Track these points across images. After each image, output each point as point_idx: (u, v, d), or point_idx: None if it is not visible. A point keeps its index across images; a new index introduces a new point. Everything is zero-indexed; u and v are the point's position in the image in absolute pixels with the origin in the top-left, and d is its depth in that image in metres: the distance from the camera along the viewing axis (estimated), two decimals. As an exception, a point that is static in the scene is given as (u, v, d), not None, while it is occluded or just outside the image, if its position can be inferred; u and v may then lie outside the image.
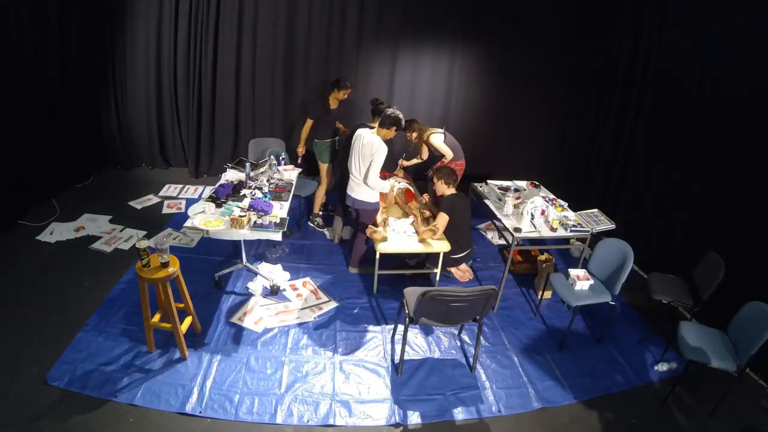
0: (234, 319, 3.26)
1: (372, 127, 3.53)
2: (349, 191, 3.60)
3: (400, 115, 3.35)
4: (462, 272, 3.93)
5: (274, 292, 3.55)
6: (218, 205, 3.38)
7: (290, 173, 4.10)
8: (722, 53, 3.49)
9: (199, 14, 4.89)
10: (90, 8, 4.75)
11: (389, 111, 3.35)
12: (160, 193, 5.05)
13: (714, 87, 3.57)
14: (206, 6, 4.85)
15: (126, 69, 5.17)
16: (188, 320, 2.94)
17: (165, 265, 2.62)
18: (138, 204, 4.76)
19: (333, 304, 3.49)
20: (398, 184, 4.12)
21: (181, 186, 5.25)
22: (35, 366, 2.68)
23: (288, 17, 5.02)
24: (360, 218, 3.66)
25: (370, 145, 3.32)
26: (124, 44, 5.07)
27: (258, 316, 3.31)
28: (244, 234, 3.13)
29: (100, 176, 5.35)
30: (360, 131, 3.49)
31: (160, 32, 5.02)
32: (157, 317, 2.88)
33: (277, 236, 3.16)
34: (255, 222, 3.18)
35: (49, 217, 4.29)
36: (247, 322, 3.24)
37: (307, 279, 3.76)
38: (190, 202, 4.84)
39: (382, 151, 3.30)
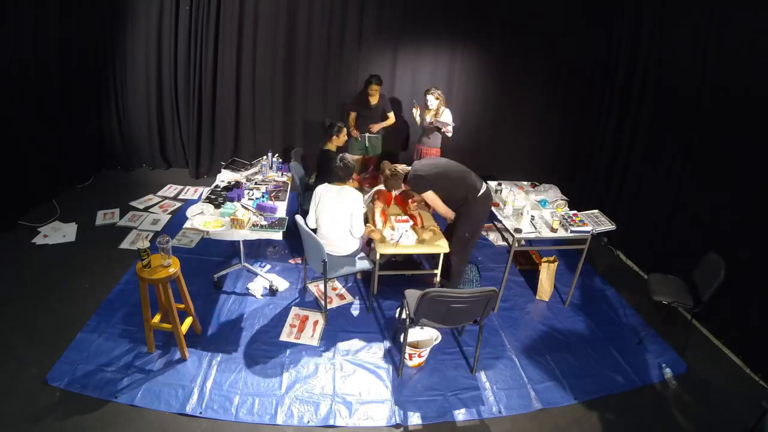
0: (289, 338, 3.16)
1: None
2: (329, 251, 3.16)
3: (350, 163, 3.21)
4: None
5: (272, 293, 3.55)
6: (217, 206, 3.38)
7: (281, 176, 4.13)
8: (724, 50, 3.48)
9: (199, 14, 4.90)
10: (90, 8, 4.76)
11: (341, 163, 3.19)
12: (159, 193, 5.06)
13: (715, 86, 3.56)
14: (206, 6, 4.86)
15: (126, 69, 5.17)
16: (188, 321, 2.94)
17: (165, 265, 2.62)
18: (139, 204, 4.77)
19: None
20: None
21: (182, 187, 5.25)
22: (35, 366, 2.68)
23: (288, 17, 5.03)
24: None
25: (351, 199, 3.15)
26: (125, 44, 5.07)
27: (310, 329, 3.24)
28: (245, 234, 3.14)
29: (100, 177, 5.35)
30: (319, 189, 3.25)
31: (161, 33, 5.02)
32: (157, 318, 2.87)
33: (278, 235, 3.16)
34: (255, 222, 3.19)
35: (49, 217, 4.29)
36: (304, 338, 3.16)
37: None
38: (190, 203, 4.83)
39: (360, 203, 3.16)
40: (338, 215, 3.16)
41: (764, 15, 3.14)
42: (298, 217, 3.22)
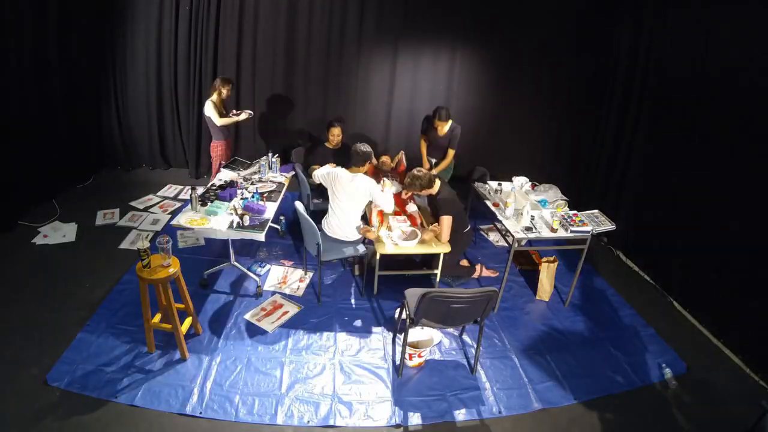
0: (249, 317, 3.28)
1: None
2: (329, 233, 3.46)
3: (368, 149, 3.39)
4: (477, 269, 3.95)
5: (258, 295, 3.53)
6: (204, 204, 3.38)
7: (280, 177, 4.11)
8: (724, 50, 3.47)
9: (199, 14, 4.90)
10: (90, 8, 4.76)
11: (358, 148, 3.38)
12: (159, 193, 5.06)
13: (715, 86, 3.55)
14: (206, 6, 4.86)
15: (126, 69, 5.17)
16: (188, 321, 2.94)
17: (165, 265, 2.62)
18: (139, 204, 4.77)
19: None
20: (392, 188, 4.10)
21: (182, 187, 5.25)
22: (35, 366, 2.68)
23: (288, 18, 5.03)
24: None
25: (364, 189, 3.32)
26: (125, 44, 5.07)
27: (276, 316, 3.33)
28: (226, 233, 3.13)
29: (100, 177, 5.35)
30: (336, 171, 3.42)
31: (161, 33, 5.02)
32: (157, 318, 2.88)
33: (260, 237, 3.15)
34: (237, 222, 3.18)
35: (49, 217, 4.29)
36: (265, 323, 3.25)
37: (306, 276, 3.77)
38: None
39: (375, 186, 3.34)
40: (349, 202, 3.33)
41: (764, 14, 3.14)
42: (298, 203, 3.33)
